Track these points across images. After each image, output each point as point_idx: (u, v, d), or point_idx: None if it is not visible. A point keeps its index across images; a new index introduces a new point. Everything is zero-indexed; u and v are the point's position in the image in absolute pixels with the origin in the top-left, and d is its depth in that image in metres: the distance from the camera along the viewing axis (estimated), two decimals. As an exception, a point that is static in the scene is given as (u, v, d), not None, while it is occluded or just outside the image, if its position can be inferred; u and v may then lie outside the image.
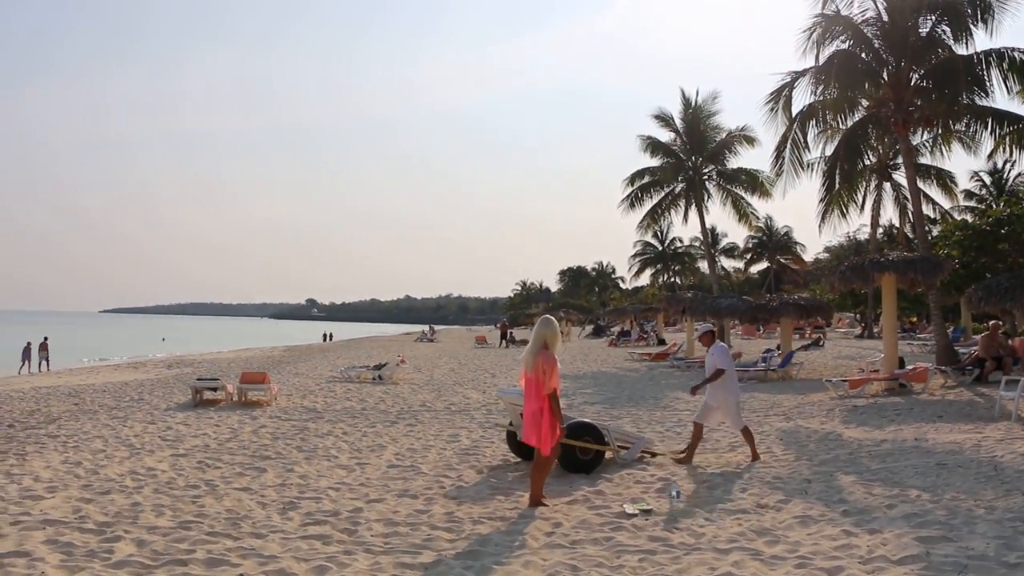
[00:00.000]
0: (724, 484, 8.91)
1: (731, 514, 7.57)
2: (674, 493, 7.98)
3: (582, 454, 9.80)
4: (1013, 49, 20.65)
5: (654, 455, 10.64)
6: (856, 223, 63.85)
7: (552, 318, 8.36)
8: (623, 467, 10.00)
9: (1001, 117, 21.51)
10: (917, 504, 7.65)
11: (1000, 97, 21.08)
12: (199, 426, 13.90)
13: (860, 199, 32.67)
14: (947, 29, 21.26)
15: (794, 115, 23.25)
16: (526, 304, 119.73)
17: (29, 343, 36.89)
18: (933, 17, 21.36)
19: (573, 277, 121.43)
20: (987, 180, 49.57)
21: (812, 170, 27.34)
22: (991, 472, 8.98)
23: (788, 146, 23.62)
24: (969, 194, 49.29)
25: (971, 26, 20.68)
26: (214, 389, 17.85)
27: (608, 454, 10.17)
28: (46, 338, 38.21)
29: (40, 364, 36.43)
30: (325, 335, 76.88)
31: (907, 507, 7.54)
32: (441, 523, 7.44)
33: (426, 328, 77.52)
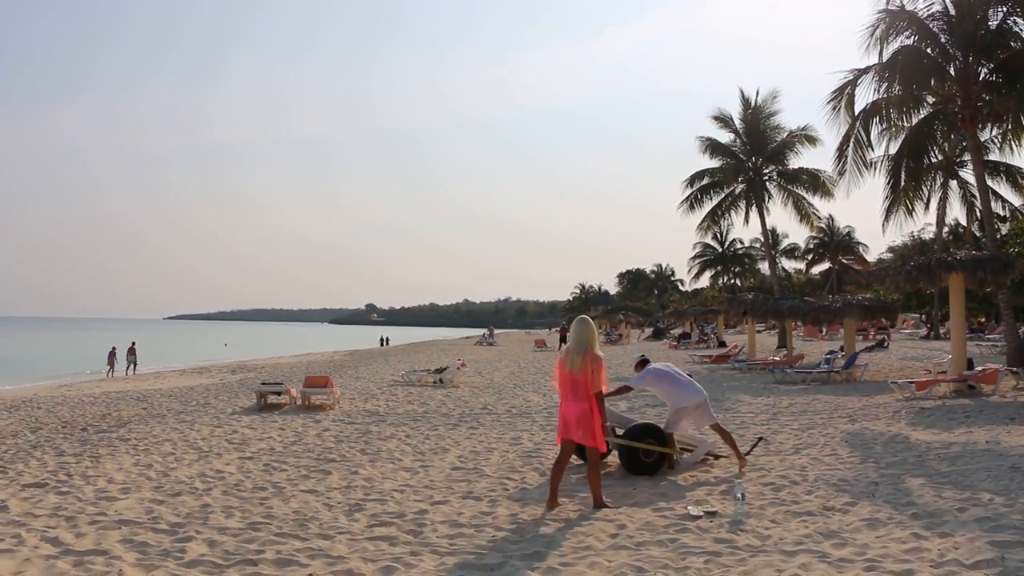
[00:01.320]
0: (789, 487, 8.80)
1: (797, 516, 7.49)
2: (739, 495, 7.91)
3: (645, 456, 9.77)
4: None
5: (717, 457, 10.56)
6: (921, 222, 62.55)
7: (588, 318, 8.39)
8: (686, 470, 9.94)
9: (1074, 110, 20.95)
10: (990, 508, 7.48)
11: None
12: (264, 429, 14.17)
13: (925, 197, 31.95)
14: (1019, 20, 20.74)
15: (857, 113, 22.92)
16: (585, 307, 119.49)
17: (114, 348, 38.80)
18: (1004, 9, 20.85)
19: (632, 280, 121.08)
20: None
21: (875, 169, 26.87)
22: (1067, 475, 8.77)
23: (851, 145, 23.27)
24: (1040, 191, 47.96)
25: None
26: (278, 393, 18.16)
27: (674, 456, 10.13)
28: (133, 343, 40.19)
29: (128, 368, 37.92)
30: (382, 339, 77.46)
31: (979, 511, 7.38)
32: (506, 525, 7.49)
33: (486, 331, 77.74)
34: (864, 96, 22.79)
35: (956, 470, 9.38)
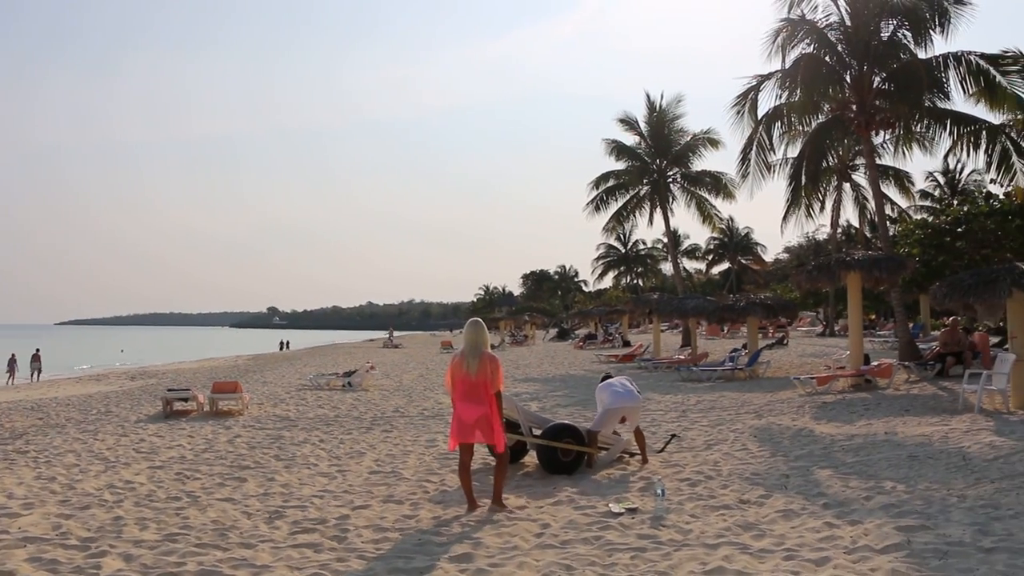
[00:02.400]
0: (705, 481, 9.04)
1: (715, 510, 7.70)
2: (659, 491, 8.08)
3: (563, 456, 9.88)
4: (969, 53, 21.17)
5: (632, 455, 10.75)
6: (816, 223, 64.90)
7: (480, 321, 8.40)
8: (603, 468, 10.09)
9: (959, 119, 22.03)
10: (893, 495, 7.85)
11: (958, 99, 21.61)
12: (173, 437, 13.78)
13: (822, 199, 33.15)
14: (907, 33, 21.73)
15: (760, 118, 23.62)
16: (489, 308, 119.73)
17: (14, 355, 37.66)
18: (894, 22, 21.83)
19: (536, 281, 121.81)
20: (941, 180, 50.77)
21: (775, 172, 27.73)
22: (960, 462, 9.25)
23: (754, 148, 23.97)
24: (924, 194, 50.40)
25: (930, 31, 21.17)
26: (185, 399, 17.68)
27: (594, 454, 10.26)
28: (38, 350, 39.12)
29: (33, 375, 37.15)
30: (282, 343, 76.01)
31: (884, 498, 7.74)
32: (430, 527, 7.47)
33: (390, 332, 77.12)
34: (767, 101, 23.56)
35: (860, 460, 9.79)
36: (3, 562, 6.50)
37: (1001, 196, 23.13)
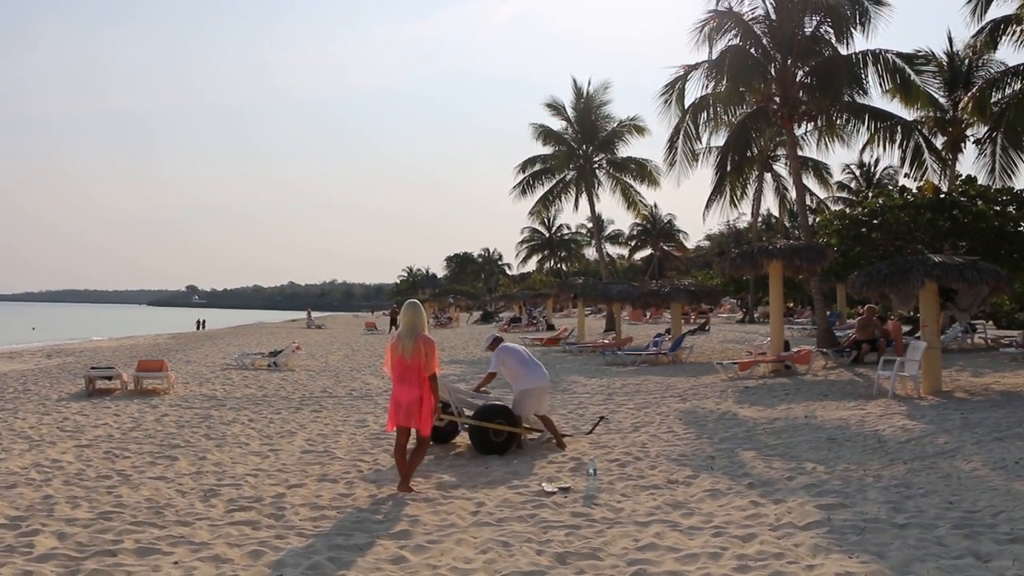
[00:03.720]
0: (633, 462, 9.30)
1: (645, 490, 7.96)
2: (591, 471, 8.30)
3: (495, 436, 10.04)
4: (887, 51, 21.95)
5: (563, 436, 10.95)
6: (738, 212, 66.31)
7: (418, 302, 8.39)
8: (534, 448, 10.29)
9: (876, 114, 22.89)
10: (814, 475, 8.23)
11: (875, 95, 22.42)
12: (98, 416, 13.53)
13: (744, 188, 33.94)
14: (830, 30, 22.41)
15: (687, 107, 24.05)
16: (413, 290, 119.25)
17: None
18: (817, 18, 22.48)
19: (460, 263, 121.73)
20: (857, 173, 52.41)
21: (700, 160, 28.28)
22: (876, 444, 9.75)
23: (681, 137, 24.42)
24: (841, 186, 51.98)
25: (851, 28, 21.85)
26: (108, 378, 17.33)
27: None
28: None
29: None
30: (199, 322, 74.39)
31: (805, 478, 8.10)
32: (366, 505, 7.57)
33: (308, 313, 76.15)
34: (694, 91, 23.99)
35: (782, 443, 10.20)
36: (-69, 541, 6.37)
37: (914, 190, 24.03)
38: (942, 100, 28.84)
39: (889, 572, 5.36)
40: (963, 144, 29.44)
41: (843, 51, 22.21)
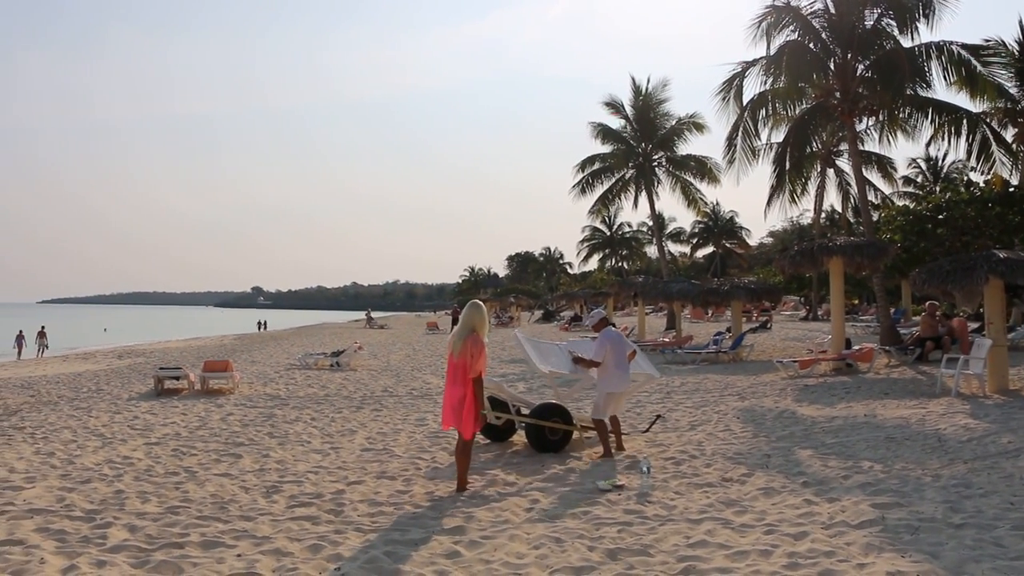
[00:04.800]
0: (689, 460, 9.32)
1: (699, 487, 7.98)
2: (645, 468, 8.35)
3: (551, 434, 10.14)
4: (951, 43, 21.50)
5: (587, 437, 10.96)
6: (800, 208, 65.35)
7: (481, 303, 8.27)
8: (590, 446, 10.35)
9: (940, 107, 22.42)
10: (870, 474, 8.16)
11: (940, 88, 21.96)
12: (166, 415, 13.98)
13: (805, 185, 33.47)
14: (891, 22, 22.03)
15: (745, 104, 23.85)
16: (474, 290, 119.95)
17: (21, 331, 39.78)
18: (878, 10, 22.11)
19: (521, 263, 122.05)
20: (923, 167, 51.22)
21: (760, 157, 28.00)
22: (936, 444, 9.59)
23: (739, 134, 24.23)
24: (907, 180, 50.89)
25: (915, 20, 21.44)
26: (176, 378, 17.87)
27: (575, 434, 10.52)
28: (43, 327, 40.85)
29: (39, 351, 38.23)
30: (260, 323, 75.68)
31: (861, 477, 8.05)
32: (423, 502, 7.73)
33: (367, 314, 76.76)
34: (752, 87, 23.80)
35: (839, 441, 10.11)
36: (12, 532, 6.71)
37: (981, 184, 23.49)
38: (1013, 91, 28.08)
39: (942, 572, 5.32)
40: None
41: (905, 44, 21.83)
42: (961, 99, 23.92)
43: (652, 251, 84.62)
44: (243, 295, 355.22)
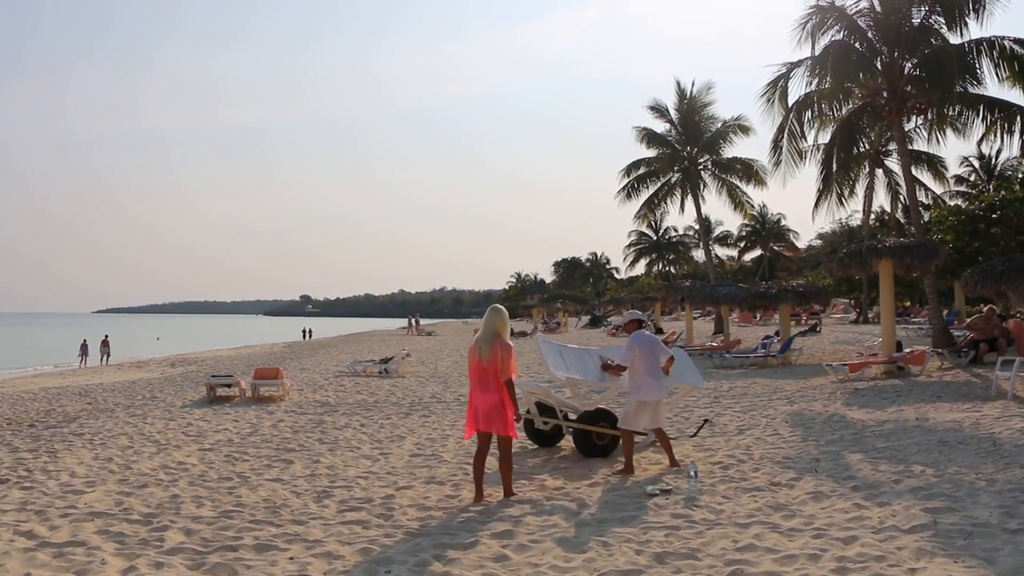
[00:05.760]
0: (736, 465, 9.28)
1: (747, 492, 7.95)
2: (692, 473, 8.34)
3: (599, 439, 10.17)
4: (1003, 38, 21.07)
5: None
6: (848, 210, 64.37)
7: (501, 307, 8.20)
8: (638, 452, 10.34)
9: (992, 104, 21.94)
10: (922, 479, 8.05)
11: (991, 84, 21.51)
12: (219, 422, 14.25)
13: (853, 186, 33.04)
14: (939, 19, 21.67)
15: (790, 105, 23.63)
16: (521, 296, 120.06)
17: (85, 340, 41.74)
18: (925, 7, 21.77)
19: (567, 268, 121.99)
20: (976, 165, 50.16)
21: (807, 159, 27.72)
22: (990, 448, 9.40)
23: (785, 136, 23.99)
24: (959, 179, 49.86)
25: (964, 16, 21.08)
26: (228, 386, 18.20)
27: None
28: (107, 336, 42.35)
29: (102, 359, 40.19)
30: (305, 331, 76.47)
31: (913, 481, 7.94)
32: (472, 507, 7.81)
33: (413, 320, 76.46)
34: (797, 88, 23.55)
35: (890, 445, 9.99)
36: (75, 534, 6.97)
37: (1037, 182, 23.05)
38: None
39: (995, 576, 5.27)
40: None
41: (955, 40, 21.45)
42: (1015, 95, 23.42)
43: (699, 255, 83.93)
44: (292, 303, 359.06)
